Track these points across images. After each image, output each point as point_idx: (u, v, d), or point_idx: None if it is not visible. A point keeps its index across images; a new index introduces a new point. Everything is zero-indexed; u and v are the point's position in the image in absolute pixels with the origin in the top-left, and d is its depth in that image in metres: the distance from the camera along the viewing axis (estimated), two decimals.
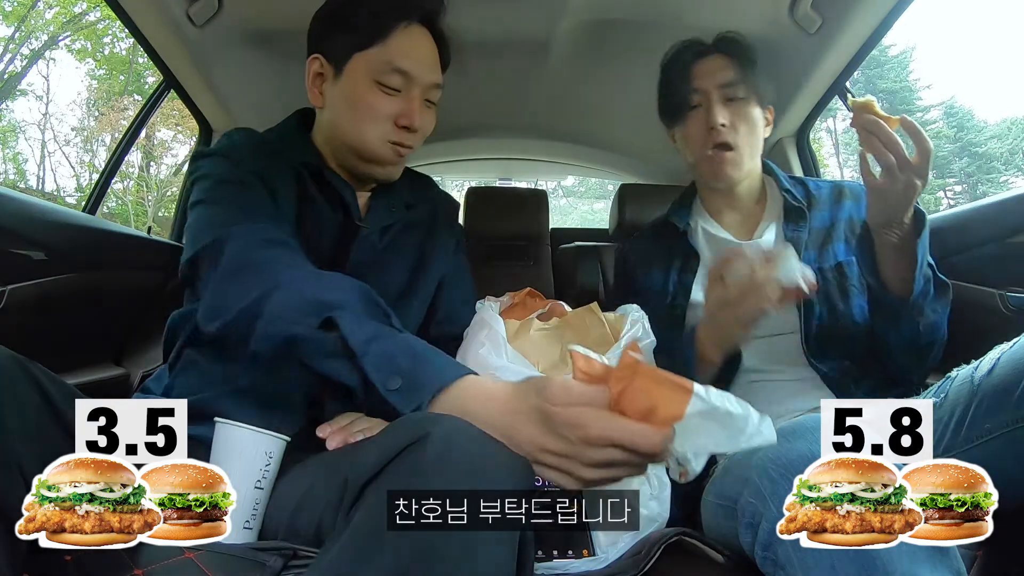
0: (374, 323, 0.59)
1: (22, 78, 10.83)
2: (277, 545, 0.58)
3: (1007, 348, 0.67)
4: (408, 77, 0.77)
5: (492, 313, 0.91)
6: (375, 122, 0.78)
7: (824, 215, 0.97)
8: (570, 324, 0.91)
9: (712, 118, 0.93)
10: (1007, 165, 15.68)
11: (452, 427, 0.48)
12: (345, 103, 0.79)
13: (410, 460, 0.46)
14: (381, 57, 0.76)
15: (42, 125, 11.51)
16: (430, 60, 0.81)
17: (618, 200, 1.58)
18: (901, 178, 0.74)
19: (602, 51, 1.39)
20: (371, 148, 0.79)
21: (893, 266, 0.81)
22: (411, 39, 0.78)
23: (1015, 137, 15.81)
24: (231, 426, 0.61)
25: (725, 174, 0.95)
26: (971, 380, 0.69)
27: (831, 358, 0.90)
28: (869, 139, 0.74)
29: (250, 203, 0.73)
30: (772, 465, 0.53)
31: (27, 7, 9.84)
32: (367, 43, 0.76)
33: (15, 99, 11.15)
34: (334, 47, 0.78)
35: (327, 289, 0.62)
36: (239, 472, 0.62)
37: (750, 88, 0.95)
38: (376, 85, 0.77)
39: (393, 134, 0.79)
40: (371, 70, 0.77)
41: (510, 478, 0.47)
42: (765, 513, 0.52)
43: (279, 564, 0.55)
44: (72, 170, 11.86)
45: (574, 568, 0.66)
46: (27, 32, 10.19)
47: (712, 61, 0.97)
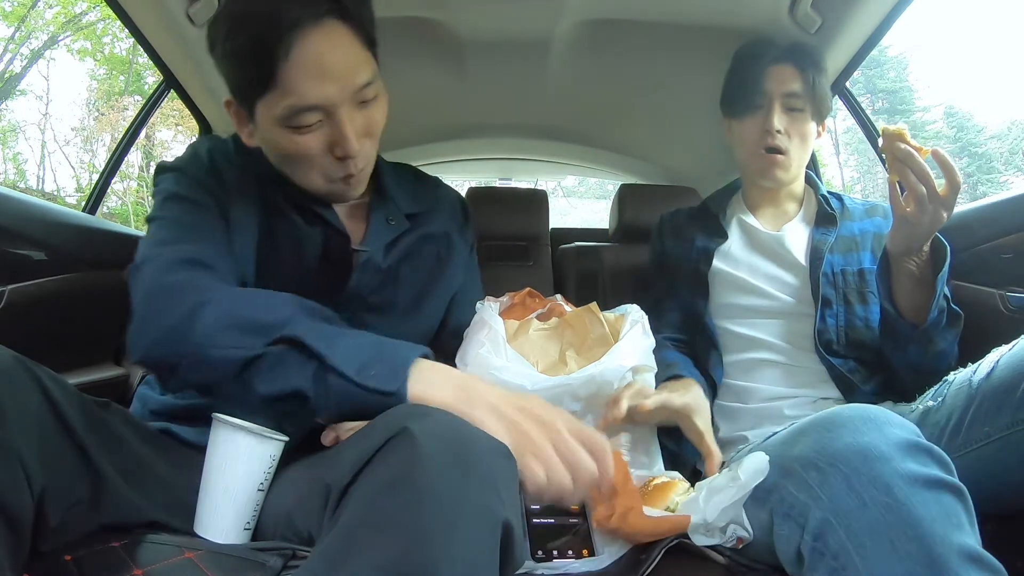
0: (327, 326, 0.58)
1: (22, 78, 10.84)
2: (277, 545, 0.58)
3: (1006, 351, 0.68)
4: (318, 108, 0.65)
5: (492, 313, 0.90)
6: (310, 167, 0.69)
7: (853, 225, 1.01)
8: (570, 324, 0.91)
9: (771, 122, 0.98)
10: (1007, 165, 15.67)
11: (430, 419, 0.47)
12: (273, 153, 0.71)
13: (390, 457, 0.45)
14: (280, 102, 0.64)
15: (42, 125, 11.51)
16: (343, 65, 0.65)
17: (618, 200, 1.58)
18: (929, 209, 0.75)
19: (602, 51, 1.39)
20: (320, 191, 0.72)
21: (909, 294, 0.83)
22: (305, 57, 0.62)
23: (1015, 137, 15.80)
24: (233, 428, 0.61)
25: (774, 175, 1.00)
26: (969, 383, 0.69)
27: (841, 356, 0.92)
28: (902, 169, 0.76)
29: (192, 223, 0.68)
30: (818, 457, 0.54)
31: (27, 7, 9.84)
32: (260, 90, 0.64)
33: (15, 99, 11.15)
34: (238, 93, 0.69)
35: (264, 310, 0.58)
36: (243, 475, 0.61)
37: (811, 102, 0.99)
38: (287, 130, 0.66)
39: (335, 170, 0.69)
40: (276, 118, 0.65)
41: (493, 468, 0.46)
42: (815, 504, 0.52)
43: (279, 564, 0.55)
44: (72, 170, 11.86)
45: (574, 568, 0.65)
46: (27, 32, 10.20)
47: (785, 69, 1.01)
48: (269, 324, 0.56)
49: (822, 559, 0.51)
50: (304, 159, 0.68)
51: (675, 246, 1.11)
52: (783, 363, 0.94)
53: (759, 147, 1.00)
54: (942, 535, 0.47)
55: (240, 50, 0.64)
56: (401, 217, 0.83)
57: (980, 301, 0.99)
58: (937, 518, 0.48)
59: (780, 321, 0.96)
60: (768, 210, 1.07)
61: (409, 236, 0.83)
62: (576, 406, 0.80)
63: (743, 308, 0.99)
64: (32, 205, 0.93)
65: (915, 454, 0.51)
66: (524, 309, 0.98)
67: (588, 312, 0.91)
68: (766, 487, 0.59)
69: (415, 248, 0.84)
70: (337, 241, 0.77)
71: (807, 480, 0.54)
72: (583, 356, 0.86)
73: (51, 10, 10.06)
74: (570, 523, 0.71)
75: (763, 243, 1.02)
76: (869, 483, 0.50)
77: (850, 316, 0.94)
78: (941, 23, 26.41)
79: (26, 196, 0.94)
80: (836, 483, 0.51)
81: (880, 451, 0.51)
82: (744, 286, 0.99)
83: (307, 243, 0.76)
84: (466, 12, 1.23)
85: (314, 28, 0.63)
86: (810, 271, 0.96)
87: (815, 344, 0.92)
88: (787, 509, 0.55)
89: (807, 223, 1.03)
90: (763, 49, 1.05)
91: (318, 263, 0.76)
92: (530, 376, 0.81)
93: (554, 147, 2.01)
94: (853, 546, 0.49)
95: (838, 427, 0.55)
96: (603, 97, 1.63)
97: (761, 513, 0.59)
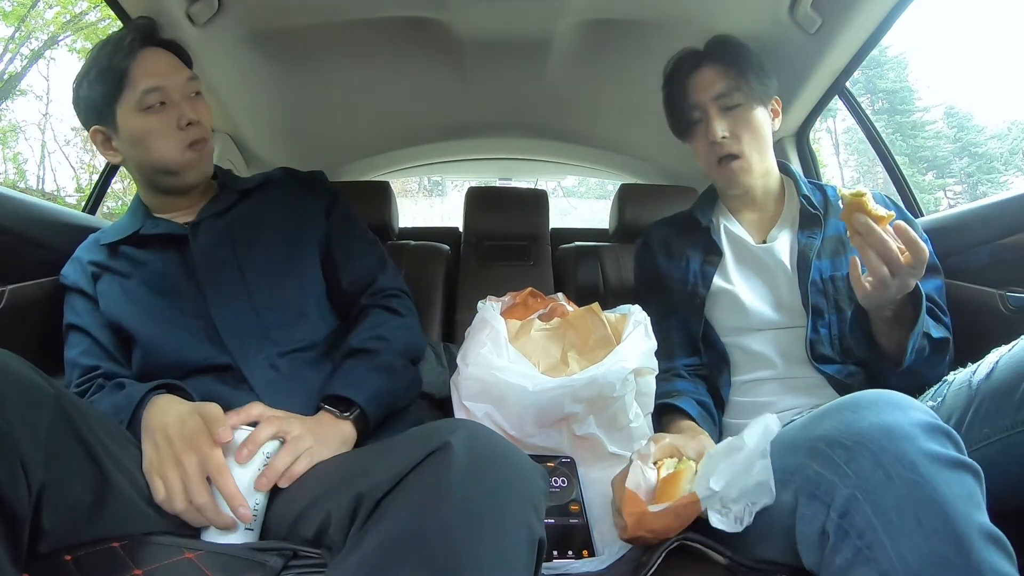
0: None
1: (22, 78, 10.83)
2: (277, 545, 0.58)
3: (1005, 352, 0.67)
4: (162, 89, 0.84)
5: (493, 313, 0.91)
6: (164, 138, 0.84)
7: (839, 223, 0.96)
8: (572, 324, 0.91)
9: (713, 132, 0.94)
10: (1007, 165, 15.67)
11: (470, 435, 0.49)
12: (135, 143, 0.85)
13: (431, 471, 0.46)
14: (132, 92, 0.83)
15: (42, 125, 11.51)
16: (170, 66, 0.87)
17: (618, 200, 1.58)
18: (894, 283, 0.72)
19: (602, 51, 1.39)
20: (175, 160, 0.85)
21: (888, 334, 0.81)
22: (145, 62, 0.84)
23: (1015, 137, 15.80)
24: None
25: (738, 182, 0.98)
26: (969, 384, 0.69)
27: (837, 363, 0.90)
28: (861, 244, 0.72)
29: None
30: (844, 435, 0.55)
31: (27, 7, 9.83)
32: (116, 93, 0.83)
33: (15, 99, 11.14)
34: (99, 112, 0.85)
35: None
36: (240, 474, 0.62)
37: (747, 92, 0.95)
38: (143, 112, 0.83)
39: (184, 137, 0.85)
40: (132, 105, 0.83)
41: (530, 482, 0.48)
42: (841, 481, 0.53)
43: (279, 564, 0.55)
44: (72, 170, 11.85)
45: (574, 568, 0.65)
46: (27, 32, 10.19)
47: (706, 73, 0.97)
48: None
49: (847, 538, 0.51)
50: (158, 133, 0.84)
51: (669, 265, 1.06)
52: (779, 377, 0.92)
53: (713, 159, 0.97)
54: (965, 513, 0.48)
55: (95, 70, 0.84)
56: (233, 194, 0.93)
57: (980, 301, 0.98)
58: (960, 497, 0.48)
59: (774, 334, 0.94)
60: (749, 214, 1.04)
61: (243, 207, 0.92)
62: (578, 408, 0.80)
63: (737, 327, 0.96)
64: (32, 205, 0.93)
65: (935, 435, 0.52)
66: (526, 309, 0.98)
67: (590, 313, 0.91)
68: (790, 469, 0.59)
69: (253, 214, 0.92)
70: (182, 241, 0.88)
71: (834, 458, 0.54)
72: (585, 357, 0.86)
73: (51, 10, 10.06)
74: (570, 523, 0.71)
75: (754, 257, 0.99)
76: (896, 460, 0.50)
77: (843, 324, 0.90)
78: (941, 23, 26.41)
79: (26, 196, 0.94)
80: (863, 460, 0.52)
81: (904, 430, 0.52)
82: (738, 303, 0.96)
83: (170, 265, 0.87)
84: (466, 12, 1.23)
85: (149, 42, 0.87)
86: (798, 280, 0.94)
87: (808, 356, 0.90)
88: (813, 488, 0.55)
89: (791, 226, 1.00)
90: (680, 61, 1.02)
91: (176, 271, 0.86)
92: (532, 377, 0.81)
93: (554, 147, 2.01)
94: (880, 522, 0.49)
95: (862, 408, 0.56)
96: (603, 97, 1.63)
97: (785, 495, 0.59)
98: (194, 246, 0.86)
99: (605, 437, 0.81)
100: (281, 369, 0.80)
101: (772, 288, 0.96)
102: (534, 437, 0.82)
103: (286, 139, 1.68)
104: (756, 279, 0.98)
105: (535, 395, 0.79)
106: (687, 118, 0.99)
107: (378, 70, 1.48)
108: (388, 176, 2.13)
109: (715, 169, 0.98)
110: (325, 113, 1.64)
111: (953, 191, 16.07)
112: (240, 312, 0.82)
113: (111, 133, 0.86)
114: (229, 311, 0.82)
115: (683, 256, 1.04)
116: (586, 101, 1.66)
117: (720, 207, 1.08)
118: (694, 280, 1.01)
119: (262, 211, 0.92)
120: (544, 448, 0.82)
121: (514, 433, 0.82)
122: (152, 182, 0.89)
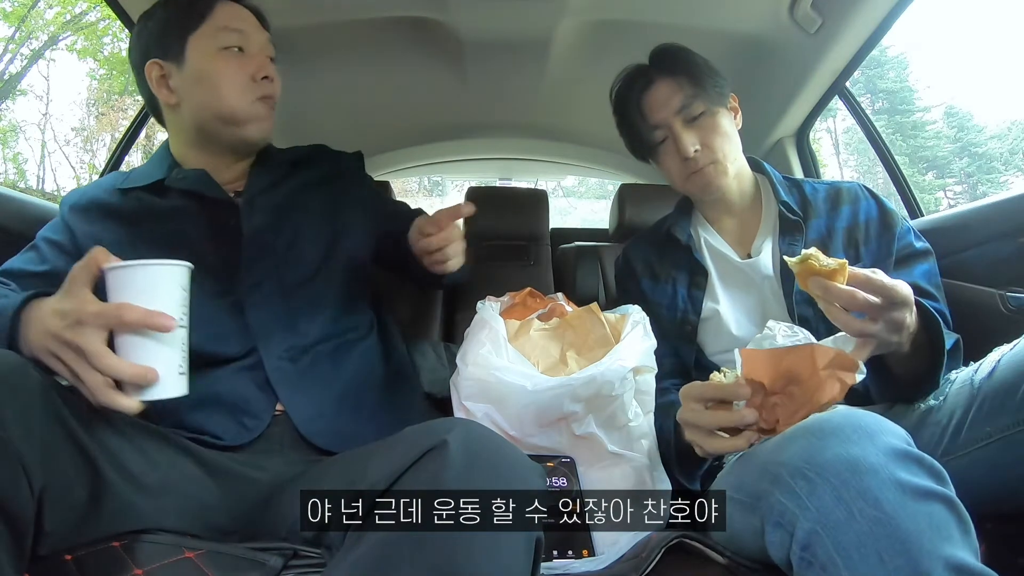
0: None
1: (22, 78, 10.84)
2: (277, 545, 0.58)
3: (1007, 350, 0.67)
4: (244, 34, 0.82)
5: (493, 313, 0.91)
6: (235, 84, 0.80)
7: (821, 223, 0.93)
8: (571, 324, 0.91)
9: (684, 148, 0.91)
10: (1007, 165, 15.67)
11: (467, 432, 0.49)
12: (199, 82, 0.80)
13: (427, 469, 0.46)
14: (214, 26, 0.80)
15: (42, 125, 11.51)
16: (254, 21, 0.86)
17: (618, 200, 1.58)
18: (884, 327, 0.64)
19: (602, 51, 1.39)
20: (243, 110, 0.81)
21: (905, 365, 0.73)
22: (231, 9, 0.83)
23: (1015, 137, 15.80)
24: (136, 266, 0.54)
25: (714, 186, 0.94)
26: (971, 383, 0.69)
27: None
28: (827, 306, 0.64)
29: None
30: (807, 466, 0.53)
31: (27, 7, 9.84)
32: (195, 24, 0.80)
33: (15, 99, 11.15)
34: (166, 43, 0.81)
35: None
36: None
37: (706, 98, 0.92)
38: (220, 52, 0.80)
39: (257, 90, 0.82)
40: (210, 40, 0.80)
41: (527, 480, 0.48)
42: (802, 514, 0.51)
43: (279, 564, 0.55)
44: (72, 170, 11.86)
45: (574, 568, 0.66)
46: (27, 32, 10.19)
47: (660, 88, 0.94)
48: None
49: (810, 568, 0.50)
50: (231, 77, 0.80)
51: (655, 291, 1.00)
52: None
53: (688, 174, 0.93)
54: (930, 548, 0.46)
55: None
56: (286, 164, 0.91)
57: (980, 301, 0.98)
58: (925, 531, 0.47)
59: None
60: (728, 222, 1.00)
61: (293, 183, 0.90)
62: (577, 407, 0.80)
63: (727, 348, 0.92)
64: (32, 205, 0.94)
65: (906, 464, 0.50)
66: (525, 309, 0.98)
67: (589, 313, 0.91)
68: (756, 494, 0.58)
69: (300, 193, 0.89)
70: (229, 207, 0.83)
71: (796, 489, 0.53)
72: (584, 357, 0.86)
73: (51, 10, 10.06)
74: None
75: (739, 273, 0.95)
76: (858, 496, 0.49)
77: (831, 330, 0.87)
78: (941, 23, 26.41)
79: (26, 196, 0.94)
80: (824, 494, 0.50)
81: (869, 463, 0.50)
82: (726, 326, 0.93)
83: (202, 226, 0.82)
84: (466, 12, 1.23)
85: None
86: (783, 292, 0.90)
87: None
88: (777, 517, 0.54)
89: (773, 233, 0.95)
90: (629, 82, 0.98)
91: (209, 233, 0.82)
92: (531, 376, 0.81)
93: (554, 147, 2.01)
94: (840, 558, 0.48)
95: (827, 435, 0.54)
96: (603, 97, 1.62)
97: (753, 519, 0.59)
98: (246, 223, 0.82)
99: (605, 436, 0.81)
100: (299, 362, 0.79)
101: (759, 302, 0.93)
102: (534, 437, 0.82)
103: (286, 139, 1.67)
104: (743, 296, 0.95)
105: (534, 395, 0.79)
106: (650, 140, 0.95)
107: (378, 70, 1.48)
108: (388, 176, 2.13)
109: (689, 182, 0.95)
110: (325, 113, 1.64)
111: (953, 191, 16.06)
112: (269, 296, 0.80)
113: (172, 69, 0.81)
114: (259, 295, 0.80)
115: (669, 279, 0.99)
116: (586, 101, 1.65)
117: (697, 217, 1.03)
118: (683, 306, 0.97)
119: (309, 197, 0.89)
120: (544, 448, 0.82)
121: (514, 433, 0.82)
122: (204, 131, 0.83)
